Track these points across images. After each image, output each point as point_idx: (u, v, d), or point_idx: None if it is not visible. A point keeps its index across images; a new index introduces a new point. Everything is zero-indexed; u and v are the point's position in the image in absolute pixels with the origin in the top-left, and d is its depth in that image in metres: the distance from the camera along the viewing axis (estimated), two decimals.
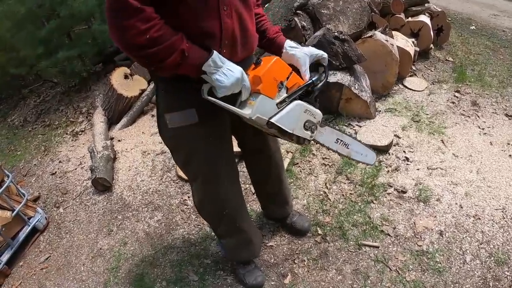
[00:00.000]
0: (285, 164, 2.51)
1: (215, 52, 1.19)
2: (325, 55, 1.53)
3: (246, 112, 1.25)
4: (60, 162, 3.32)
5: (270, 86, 1.27)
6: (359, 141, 1.78)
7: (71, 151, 3.40)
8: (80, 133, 3.58)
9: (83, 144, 3.40)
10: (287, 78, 1.31)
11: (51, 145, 3.61)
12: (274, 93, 1.28)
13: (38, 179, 3.26)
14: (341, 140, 1.64)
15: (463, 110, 3.19)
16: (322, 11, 3.50)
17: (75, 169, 3.16)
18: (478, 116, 3.14)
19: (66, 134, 3.67)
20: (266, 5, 3.40)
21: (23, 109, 4.52)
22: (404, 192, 2.34)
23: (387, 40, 3.23)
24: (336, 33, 3.00)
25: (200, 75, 1.21)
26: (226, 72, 1.20)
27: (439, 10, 4.35)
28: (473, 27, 5.34)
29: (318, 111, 1.43)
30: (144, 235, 2.39)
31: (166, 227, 2.39)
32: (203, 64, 1.17)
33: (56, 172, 3.22)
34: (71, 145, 3.48)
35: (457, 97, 3.36)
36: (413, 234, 2.11)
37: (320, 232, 2.12)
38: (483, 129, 2.98)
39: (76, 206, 2.82)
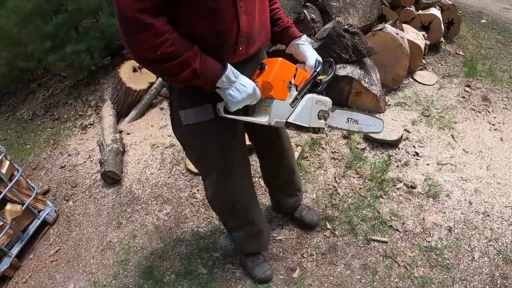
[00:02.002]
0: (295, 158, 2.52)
1: (228, 66, 1.20)
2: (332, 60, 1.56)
3: (264, 119, 1.29)
4: (69, 155, 3.34)
5: (281, 89, 1.28)
6: (366, 113, 1.80)
7: (80, 145, 3.42)
8: (89, 126, 3.60)
9: (92, 137, 3.42)
10: (294, 76, 1.32)
11: (60, 139, 3.63)
12: (285, 94, 1.30)
13: (47, 172, 3.29)
14: (351, 118, 1.66)
15: (474, 105, 3.16)
16: (332, 3, 3.47)
17: (84, 162, 3.18)
18: (489, 112, 3.11)
19: (75, 127, 3.69)
20: None
21: (32, 103, 4.55)
22: (414, 188, 2.33)
23: (397, 33, 3.19)
24: (346, 26, 2.98)
25: (214, 90, 1.23)
26: (239, 88, 1.22)
27: (450, 3, 4.29)
28: (484, 20, 5.26)
29: (327, 98, 1.45)
30: (153, 228, 2.41)
31: (175, 220, 2.41)
32: (216, 81, 1.18)
33: (65, 165, 3.24)
34: (80, 138, 3.50)
35: (467, 91, 3.33)
36: (422, 230, 2.11)
37: (329, 226, 2.12)
38: (493, 124, 2.95)
39: (86, 199, 2.84)
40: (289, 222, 2.19)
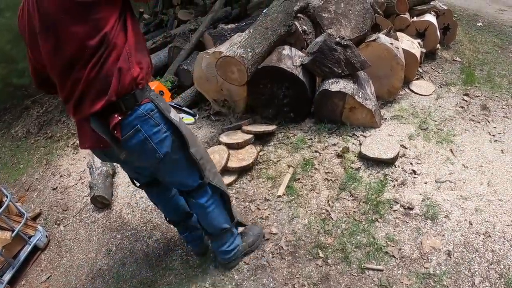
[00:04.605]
0: (286, 179, 2.40)
1: None
2: None
3: None
4: (61, 176, 3.25)
5: None
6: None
7: (72, 165, 3.33)
8: None
9: (84, 157, 3.33)
10: None
11: (53, 158, 3.54)
12: None
13: (39, 194, 3.20)
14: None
15: (473, 115, 3.02)
16: (323, 14, 3.35)
17: (76, 184, 3.09)
18: (489, 121, 2.96)
19: (67, 146, 3.60)
20: (265, 11, 3.26)
21: (26, 120, 4.47)
22: (411, 209, 2.20)
23: (391, 43, 3.06)
24: (337, 39, 2.85)
25: None
26: None
27: (445, 8, 4.14)
28: (480, 23, 5.11)
29: None
30: (143, 255, 2.30)
31: (164, 247, 2.30)
32: None
33: (57, 187, 3.16)
34: (72, 159, 3.41)
35: (466, 101, 3.19)
36: (419, 255, 1.97)
37: (321, 254, 1.99)
38: (493, 135, 2.81)
39: (76, 223, 2.75)
40: (280, 249, 2.06)
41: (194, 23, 4.14)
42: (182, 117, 1.56)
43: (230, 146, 2.60)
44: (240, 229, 2.08)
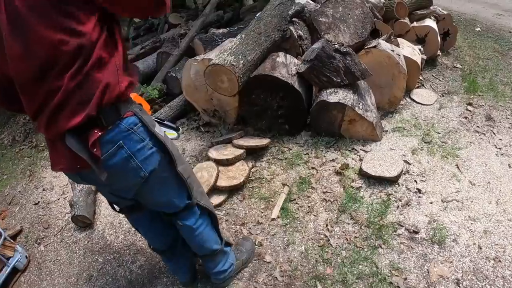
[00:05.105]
0: (281, 200, 2.17)
1: None
2: None
3: None
4: (44, 190, 3.01)
5: None
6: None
7: (55, 177, 3.09)
8: None
9: None
10: None
11: (36, 170, 3.30)
12: None
13: (21, 209, 2.96)
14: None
15: (477, 126, 2.81)
16: (320, 19, 3.12)
17: (58, 199, 2.84)
18: (494, 133, 2.76)
19: None
20: (258, 15, 3.03)
21: (13, 127, 4.20)
22: (417, 233, 1.99)
23: (393, 50, 2.84)
24: (336, 45, 2.63)
25: None
26: None
27: (445, 13, 3.94)
28: (479, 28, 4.92)
29: None
30: (126, 283, 2.07)
31: (148, 274, 2.06)
32: None
33: (39, 201, 2.92)
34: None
35: (470, 111, 2.98)
36: (426, 285, 1.76)
37: (320, 287, 1.78)
38: (500, 148, 2.61)
39: (57, 243, 2.51)
40: (274, 280, 1.84)
41: (184, 27, 3.88)
42: (165, 131, 1.35)
43: (219, 162, 2.36)
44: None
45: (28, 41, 1.06)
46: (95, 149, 1.15)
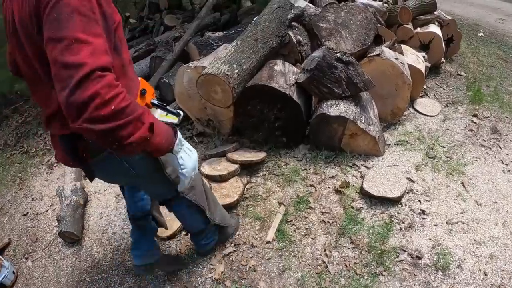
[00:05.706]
0: (277, 221, 2.01)
1: (178, 130, 1.18)
2: None
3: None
4: (33, 199, 2.85)
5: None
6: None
7: (45, 186, 2.93)
8: (55, 164, 3.11)
9: (57, 178, 2.92)
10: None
11: (26, 177, 3.14)
12: None
13: (10, 219, 2.81)
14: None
15: (483, 140, 2.65)
16: (321, 24, 2.94)
17: (47, 210, 2.69)
18: (500, 147, 2.60)
19: (42, 164, 3.19)
20: (255, 19, 2.86)
21: (5, 130, 4.03)
22: (420, 258, 1.84)
23: (397, 59, 2.67)
24: (338, 54, 2.46)
25: (165, 153, 1.16)
26: (187, 151, 1.23)
27: (449, 18, 3.76)
28: (481, 33, 4.75)
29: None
30: None
31: None
32: (174, 142, 1.15)
33: (28, 212, 2.76)
34: (45, 179, 3.00)
35: (475, 122, 2.82)
36: None
37: None
38: (507, 164, 2.46)
39: (45, 259, 2.35)
40: None
41: (179, 30, 3.68)
42: (166, 114, 1.33)
43: (212, 179, 2.19)
44: None
45: (24, 52, 1.07)
46: (84, 154, 1.21)
